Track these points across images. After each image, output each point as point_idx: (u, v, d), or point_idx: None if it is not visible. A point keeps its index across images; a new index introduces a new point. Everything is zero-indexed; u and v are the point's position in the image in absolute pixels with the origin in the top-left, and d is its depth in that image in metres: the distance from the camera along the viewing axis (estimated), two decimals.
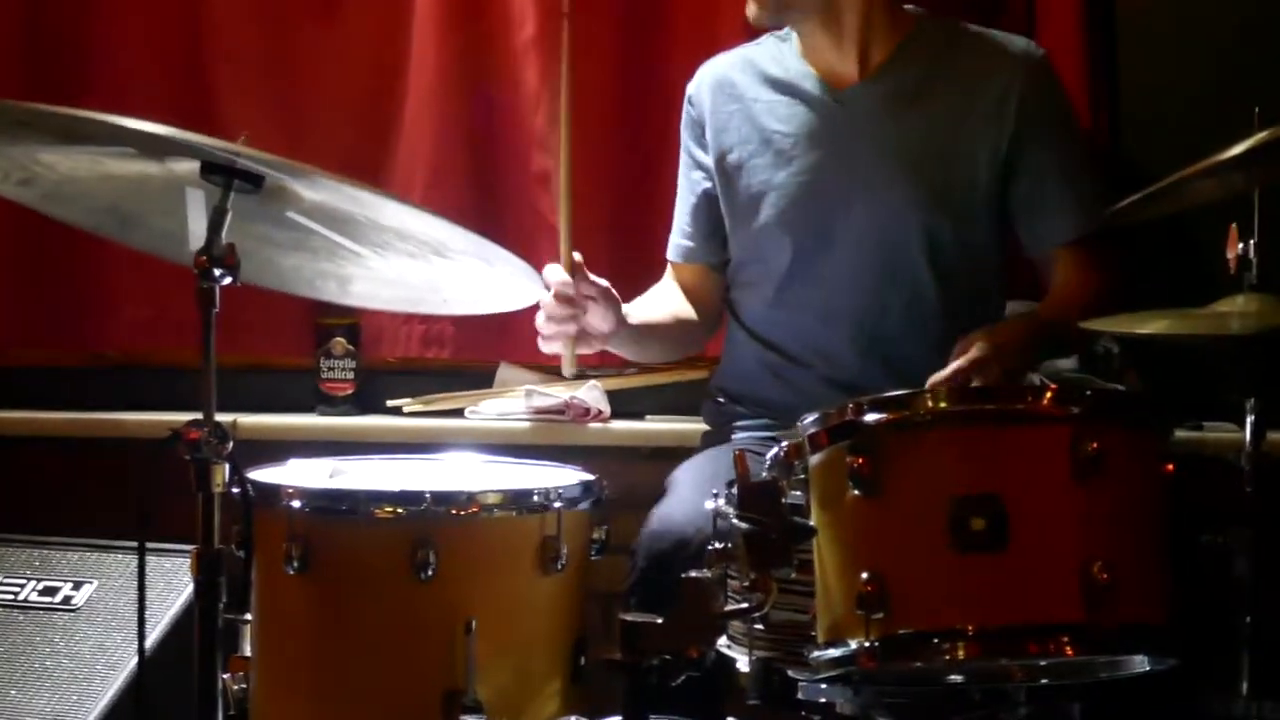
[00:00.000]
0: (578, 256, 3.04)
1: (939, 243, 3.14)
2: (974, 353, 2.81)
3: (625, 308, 3.16)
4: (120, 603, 3.40)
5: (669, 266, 3.43)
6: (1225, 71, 3.65)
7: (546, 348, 3.08)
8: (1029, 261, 3.28)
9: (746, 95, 3.25)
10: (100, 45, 4.06)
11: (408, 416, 3.96)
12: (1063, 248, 3.18)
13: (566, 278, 3.01)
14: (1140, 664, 2.37)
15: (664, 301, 3.35)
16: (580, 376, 3.78)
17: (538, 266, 2.65)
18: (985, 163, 3.14)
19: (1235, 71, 3.64)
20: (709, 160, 3.30)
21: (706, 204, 3.33)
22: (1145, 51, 3.74)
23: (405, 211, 2.53)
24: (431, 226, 2.53)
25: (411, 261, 2.65)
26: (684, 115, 3.37)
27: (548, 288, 2.98)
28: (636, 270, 3.46)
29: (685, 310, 3.35)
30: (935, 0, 3.53)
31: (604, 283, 3.08)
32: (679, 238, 3.39)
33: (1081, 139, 3.29)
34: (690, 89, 3.35)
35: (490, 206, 3.89)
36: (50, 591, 3.46)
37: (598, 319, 3.07)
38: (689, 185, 3.36)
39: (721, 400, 3.35)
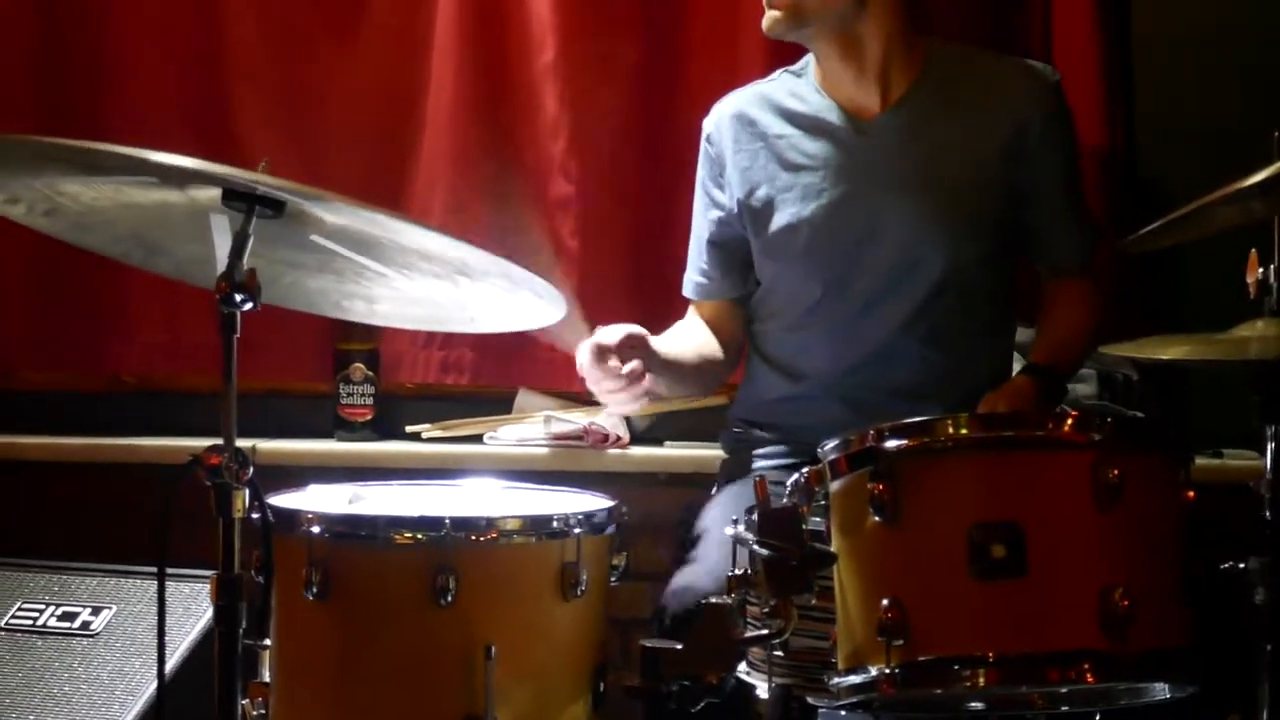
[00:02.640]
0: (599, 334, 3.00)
1: (965, 268, 3.15)
2: None
3: (659, 345, 3.12)
4: (139, 628, 3.41)
5: (690, 305, 3.42)
6: (1243, 94, 3.67)
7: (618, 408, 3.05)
8: (1031, 287, 3.30)
9: (770, 132, 3.25)
10: (118, 71, 4.07)
11: (426, 442, 3.96)
12: (1067, 277, 3.23)
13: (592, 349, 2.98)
14: (1161, 691, 2.36)
15: (690, 339, 3.33)
16: (600, 402, 3.79)
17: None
18: (1006, 187, 3.16)
19: (1253, 94, 3.66)
20: (727, 199, 3.29)
21: (723, 241, 3.32)
22: (1161, 74, 3.75)
23: (425, 233, 2.54)
24: (452, 247, 2.54)
25: (437, 281, 2.66)
26: (702, 153, 3.36)
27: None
28: (656, 297, 3.47)
29: (711, 348, 3.33)
30: (952, 23, 3.55)
31: (632, 331, 3.03)
32: (695, 275, 3.38)
33: (1080, 166, 3.30)
34: (708, 128, 3.34)
35: (509, 231, 3.90)
36: (69, 617, 3.47)
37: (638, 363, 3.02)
38: (705, 223, 3.35)
39: (739, 430, 3.35)
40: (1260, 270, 2.67)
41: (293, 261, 2.63)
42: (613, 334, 3.00)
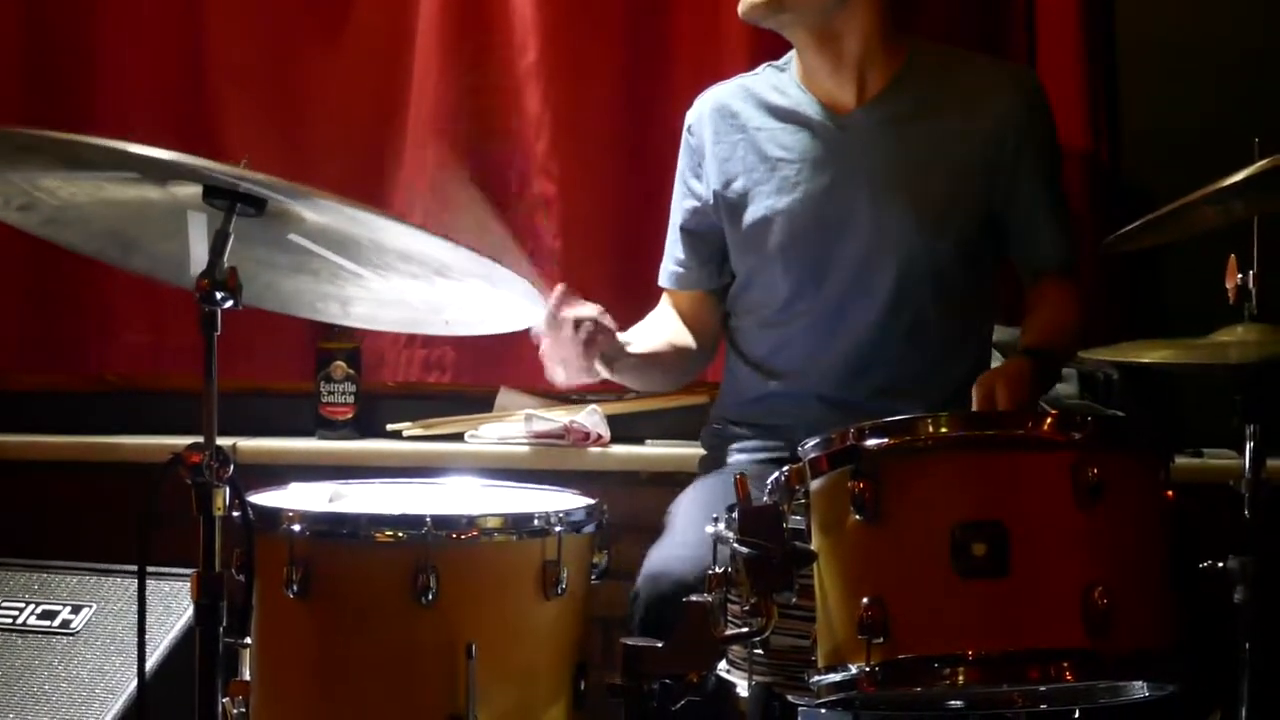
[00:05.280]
0: (561, 287, 2.94)
1: (939, 265, 3.16)
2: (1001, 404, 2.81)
3: (623, 336, 3.13)
4: (119, 626, 3.40)
5: (664, 294, 3.43)
6: (1225, 100, 3.67)
7: (554, 375, 3.04)
8: (1011, 285, 3.30)
9: (750, 125, 3.26)
10: (103, 71, 4.07)
11: (408, 440, 3.96)
12: (1054, 277, 3.20)
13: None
14: (1140, 690, 2.37)
15: (661, 330, 3.34)
16: (580, 401, 3.79)
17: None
18: (982, 187, 3.16)
19: (1235, 100, 3.66)
20: (704, 189, 3.30)
21: (699, 231, 3.34)
22: (1145, 79, 3.76)
23: (407, 233, 2.53)
24: (434, 247, 2.53)
25: (414, 283, 2.65)
26: (683, 143, 3.37)
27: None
28: (639, 296, 3.47)
29: (683, 338, 3.34)
30: (937, 26, 3.55)
31: (593, 309, 3.00)
32: (671, 264, 3.40)
33: (1061, 167, 3.30)
34: (690, 118, 3.36)
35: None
36: (49, 615, 3.46)
37: (600, 343, 2.99)
38: (681, 212, 3.37)
39: (719, 426, 3.36)
40: (1239, 276, 2.69)
41: (268, 261, 2.62)
42: (576, 310, 2.95)
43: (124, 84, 4.06)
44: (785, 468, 2.43)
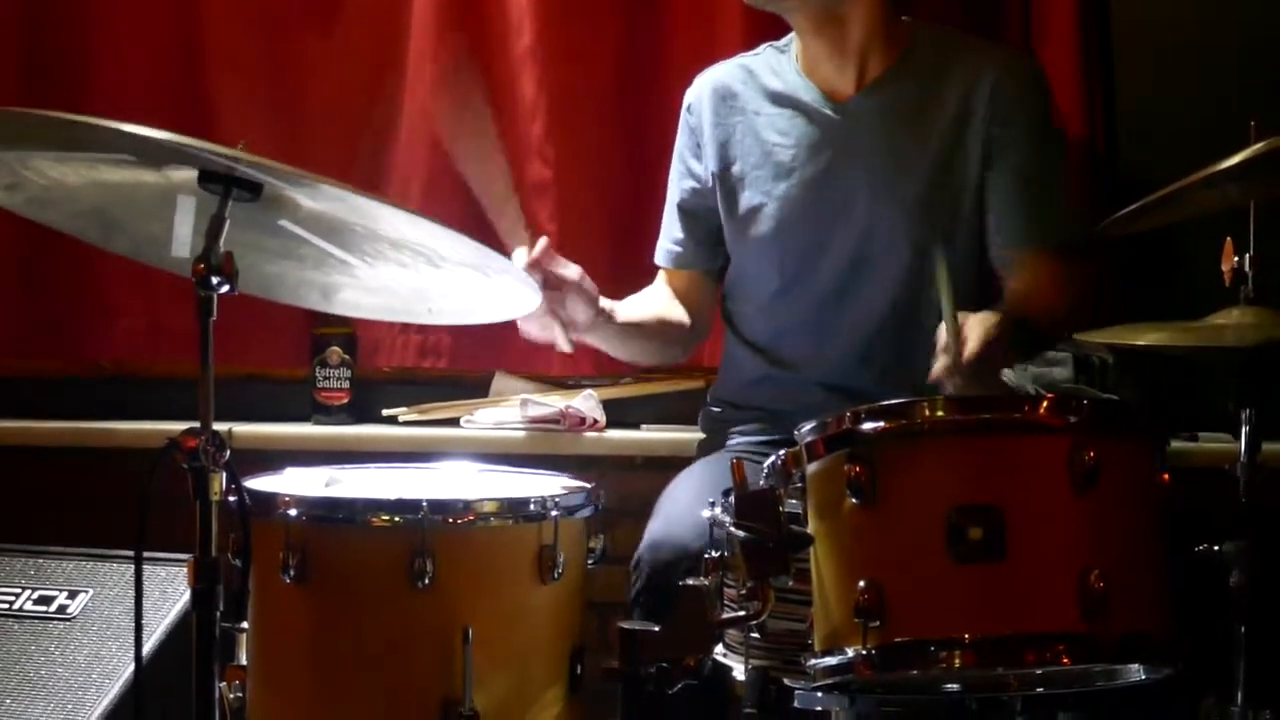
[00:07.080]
0: (545, 241, 2.98)
1: (933, 252, 3.14)
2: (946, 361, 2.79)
3: (610, 304, 3.14)
4: (116, 612, 3.39)
5: (660, 272, 3.43)
6: (1221, 84, 3.67)
7: (528, 334, 3.04)
8: None
9: (749, 108, 3.26)
10: (98, 56, 4.06)
11: (403, 426, 3.96)
12: (1026, 254, 3.16)
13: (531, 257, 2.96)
14: (1136, 673, 2.37)
15: (652, 302, 3.35)
16: (576, 386, 3.79)
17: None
18: (978, 173, 3.15)
19: (1231, 84, 3.66)
20: (703, 170, 3.30)
21: (696, 211, 3.34)
22: (1141, 63, 3.75)
23: (403, 220, 2.52)
24: (429, 235, 2.53)
25: (400, 271, 2.64)
26: (681, 122, 3.37)
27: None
28: (635, 280, 3.47)
29: (673, 313, 3.34)
30: (933, 10, 3.55)
31: (575, 270, 3.02)
32: (667, 242, 3.39)
33: (1062, 154, 3.28)
34: (690, 97, 3.36)
35: (486, 216, 3.89)
36: (46, 600, 3.45)
37: (576, 308, 3.02)
38: (679, 191, 3.37)
39: (718, 409, 3.36)
40: (1235, 259, 2.69)
41: (255, 245, 2.58)
42: (556, 269, 2.98)
43: (120, 70, 4.05)
44: (781, 452, 2.43)
